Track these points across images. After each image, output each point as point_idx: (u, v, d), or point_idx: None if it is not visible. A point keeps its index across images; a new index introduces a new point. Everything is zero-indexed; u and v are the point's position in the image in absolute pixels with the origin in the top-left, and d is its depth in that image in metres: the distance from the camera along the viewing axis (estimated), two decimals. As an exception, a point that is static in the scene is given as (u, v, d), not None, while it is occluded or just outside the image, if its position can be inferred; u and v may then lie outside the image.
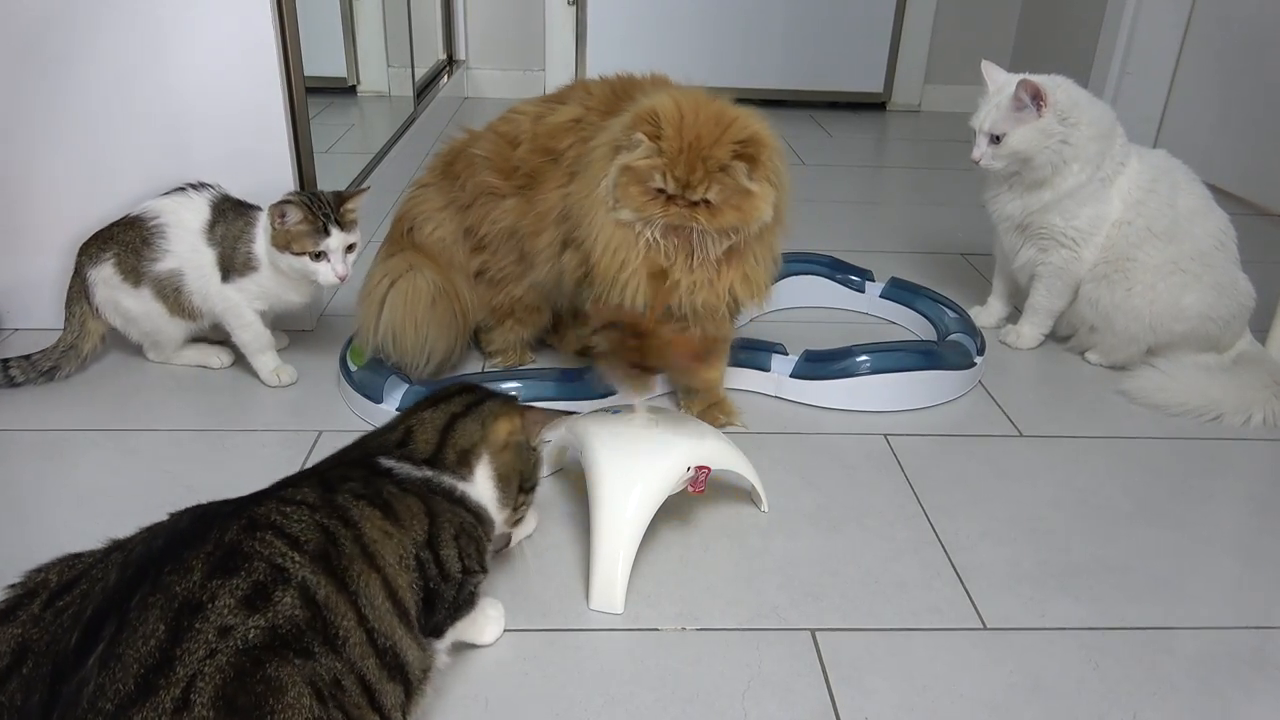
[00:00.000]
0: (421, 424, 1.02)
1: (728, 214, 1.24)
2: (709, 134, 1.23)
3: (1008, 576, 1.19)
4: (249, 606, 0.74)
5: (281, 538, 0.80)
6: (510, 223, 1.46)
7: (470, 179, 1.49)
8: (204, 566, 0.76)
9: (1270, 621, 1.14)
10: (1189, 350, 1.67)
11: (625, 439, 1.18)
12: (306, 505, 0.85)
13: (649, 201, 1.25)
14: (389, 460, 0.98)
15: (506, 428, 1.04)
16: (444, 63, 3.41)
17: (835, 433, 1.49)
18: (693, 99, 1.27)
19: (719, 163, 1.22)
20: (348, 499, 0.89)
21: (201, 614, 0.73)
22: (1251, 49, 2.62)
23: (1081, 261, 1.68)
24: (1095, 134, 1.61)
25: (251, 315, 1.51)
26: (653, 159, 1.23)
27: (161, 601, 0.73)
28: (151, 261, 1.50)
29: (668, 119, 1.23)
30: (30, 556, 1.16)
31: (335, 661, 0.77)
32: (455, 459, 1.01)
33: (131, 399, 1.52)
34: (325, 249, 1.42)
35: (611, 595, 1.11)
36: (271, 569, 0.77)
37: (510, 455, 1.04)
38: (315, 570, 0.80)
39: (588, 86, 1.47)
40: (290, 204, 1.40)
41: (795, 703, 1.00)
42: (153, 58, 1.55)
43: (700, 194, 1.23)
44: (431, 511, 0.94)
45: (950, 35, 3.56)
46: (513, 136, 1.47)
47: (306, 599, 0.77)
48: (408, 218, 1.55)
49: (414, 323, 1.47)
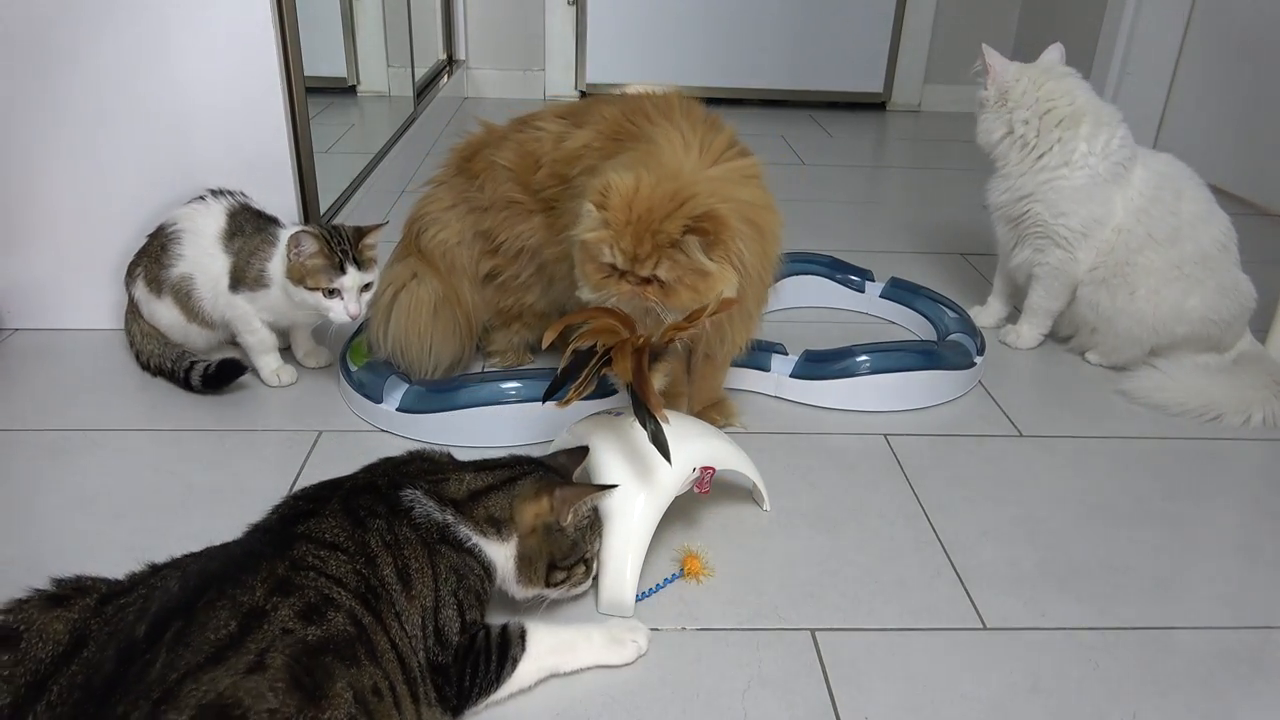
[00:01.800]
0: (460, 480, 1.02)
1: (682, 294, 1.15)
2: (662, 208, 1.13)
3: (1008, 576, 1.19)
4: (306, 618, 0.80)
5: (325, 577, 0.86)
6: (535, 241, 1.45)
7: (491, 183, 1.47)
8: (264, 587, 0.82)
9: (1270, 621, 1.14)
10: (1190, 351, 1.67)
11: (630, 442, 1.18)
12: (340, 550, 0.89)
13: (604, 279, 1.18)
14: (413, 493, 0.97)
15: (533, 510, 1.02)
16: (444, 63, 3.41)
17: (835, 433, 1.49)
18: (659, 170, 1.18)
19: (669, 237, 1.13)
20: (378, 545, 0.91)
21: (266, 618, 0.79)
22: (1251, 49, 2.62)
23: (1077, 263, 1.68)
24: (1052, 124, 1.65)
25: (257, 323, 1.51)
26: (600, 231, 1.16)
27: (229, 605, 0.79)
28: (168, 268, 1.51)
29: (619, 190, 1.14)
30: (30, 556, 1.16)
31: (376, 670, 0.82)
32: (484, 518, 1.00)
33: (131, 399, 1.52)
34: (339, 287, 1.40)
35: (621, 598, 1.10)
36: (322, 597, 0.83)
37: (537, 539, 1.02)
38: (358, 603, 0.85)
39: (603, 109, 1.41)
40: (307, 234, 1.39)
41: (795, 703, 1.00)
42: (153, 58, 1.55)
43: (649, 269, 1.14)
44: (435, 571, 0.94)
45: (950, 35, 3.56)
46: (536, 155, 1.43)
47: (354, 621, 0.84)
48: (418, 220, 1.55)
49: (418, 333, 1.47)
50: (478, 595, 0.98)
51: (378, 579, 0.89)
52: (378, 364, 1.49)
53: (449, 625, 0.93)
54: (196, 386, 1.51)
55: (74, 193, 1.62)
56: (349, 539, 0.90)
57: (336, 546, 0.89)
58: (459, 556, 0.96)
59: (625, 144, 1.32)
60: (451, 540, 0.97)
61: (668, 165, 1.20)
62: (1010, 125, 1.69)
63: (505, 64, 3.57)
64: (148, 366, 1.56)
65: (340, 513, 0.93)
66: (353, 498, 0.95)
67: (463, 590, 0.95)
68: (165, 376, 1.55)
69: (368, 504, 0.95)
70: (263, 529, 0.94)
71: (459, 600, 0.94)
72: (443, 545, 0.96)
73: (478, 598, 0.98)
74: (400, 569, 0.91)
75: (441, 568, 0.94)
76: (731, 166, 1.26)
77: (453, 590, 0.94)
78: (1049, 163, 1.66)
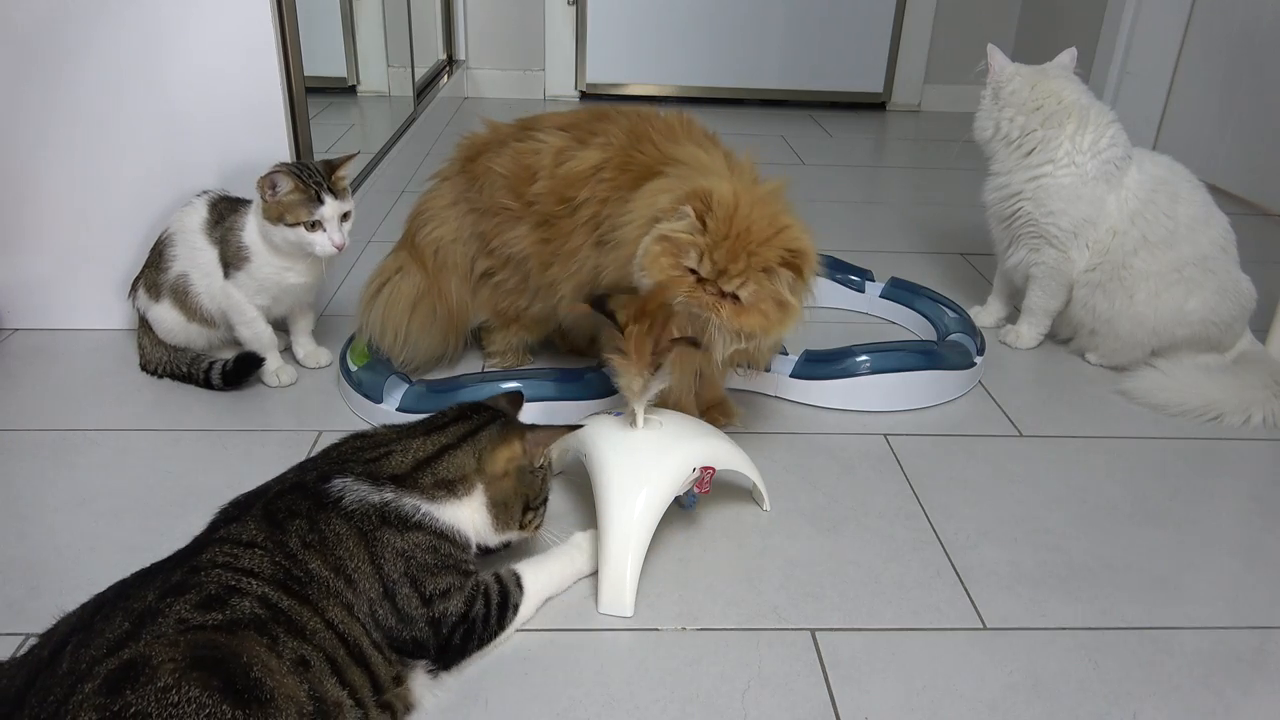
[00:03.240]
0: (405, 448, 1.01)
1: (753, 317, 1.16)
2: (760, 231, 1.15)
3: (1008, 576, 1.19)
4: (205, 608, 0.80)
5: (232, 571, 0.85)
6: (520, 250, 1.46)
7: (488, 188, 1.47)
8: (156, 593, 0.82)
9: (1270, 621, 1.14)
10: (1190, 352, 1.67)
11: (630, 442, 1.18)
12: (255, 546, 0.88)
13: (677, 277, 1.16)
14: (343, 481, 0.96)
15: (506, 455, 1.04)
16: (444, 63, 3.41)
17: (835, 433, 1.49)
18: (750, 192, 1.19)
19: (764, 262, 1.14)
20: (297, 544, 0.90)
21: (161, 614, 0.79)
22: (1251, 49, 2.62)
23: (1071, 262, 1.69)
24: (1037, 123, 1.66)
25: (254, 312, 1.51)
26: (694, 236, 1.15)
27: (122, 613, 0.79)
28: (165, 271, 1.52)
29: (721, 201, 1.15)
30: (30, 556, 1.16)
31: (303, 646, 0.81)
32: (432, 483, 0.99)
33: (131, 399, 1.52)
34: (320, 218, 1.40)
35: (621, 598, 1.10)
36: (224, 589, 0.83)
37: (511, 481, 1.04)
38: (274, 589, 0.84)
39: (608, 128, 1.40)
40: (279, 173, 1.38)
41: (795, 703, 1.00)
42: (153, 58, 1.55)
43: (734, 286, 1.14)
44: (375, 559, 0.93)
45: (950, 35, 3.56)
46: (533, 167, 1.42)
47: (266, 605, 0.82)
48: (418, 215, 1.56)
49: (393, 326, 1.50)
50: (436, 565, 0.97)
51: (303, 570, 0.88)
52: (377, 364, 1.49)
53: (407, 604, 0.94)
54: (217, 385, 1.52)
55: (74, 193, 1.62)
56: (267, 539, 0.90)
57: (253, 544, 0.89)
58: (403, 537, 0.95)
59: (639, 174, 1.32)
60: (394, 520, 0.95)
61: (748, 184, 1.21)
62: (998, 122, 1.70)
63: (505, 64, 3.57)
64: (158, 373, 1.57)
65: (259, 517, 0.92)
66: (275, 500, 0.95)
67: (414, 568, 0.95)
68: (181, 379, 1.55)
69: (289, 504, 0.94)
70: (184, 548, 0.93)
71: (412, 578, 0.94)
72: (383, 529, 0.94)
73: (438, 567, 0.97)
74: (334, 566, 0.90)
75: (384, 555, 0.93)
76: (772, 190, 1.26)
77: (402, 573, 0.94)
78: (1034, 160, 1.67)
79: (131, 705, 0.70)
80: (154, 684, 0.71)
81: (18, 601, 1.09)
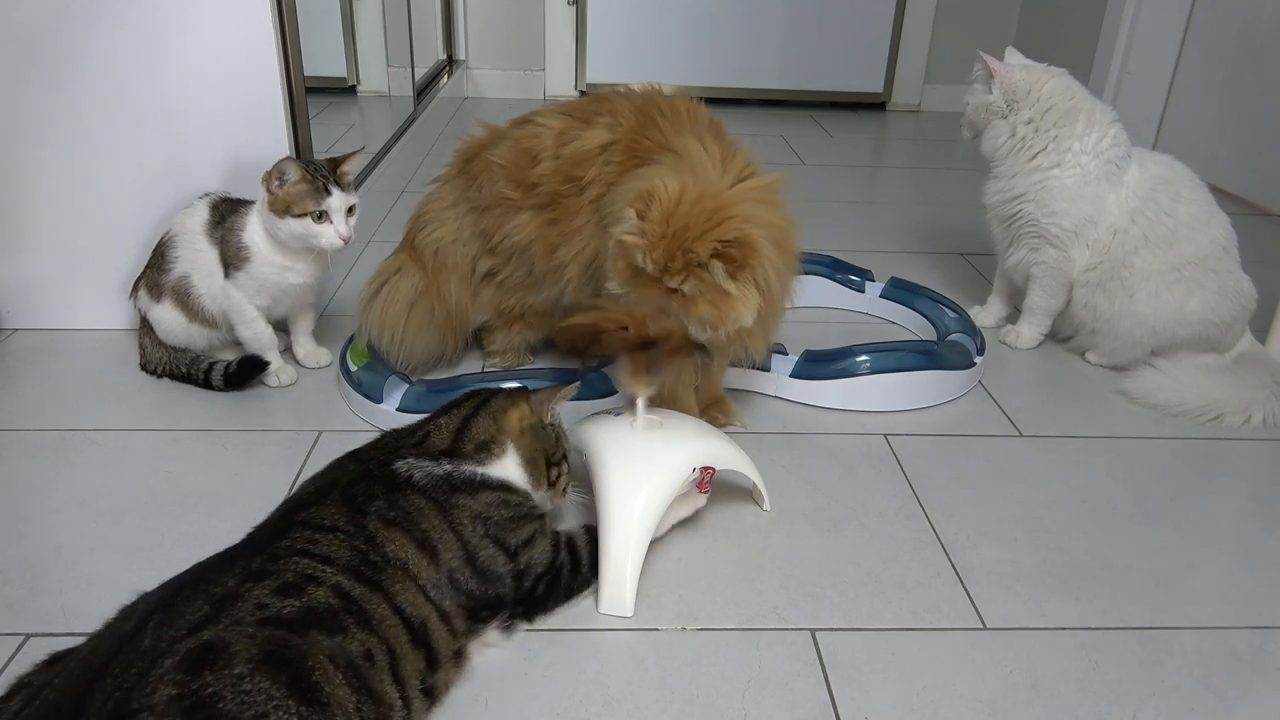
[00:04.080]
0: (438, 428, 1.09)
1: (702, 307, 1.19)
2: (696, 226, 1.16)
3: (1008, 576, 1.19)
4: (282, 594, 0.85)
5: (309, 558, 0.89)
6: (524, 238, 1.46)
7: (488, 183, 1.48)
8: (237, 578, 0.86)
9: (1270, 621, 1.14)
10: (1190, 351, 1.67)
11: (630, 442, 1.18)
12: (337, 531, 0.93)
13: (632, 278, 1.22)
14: (406, 462, 1.02)
15: (517, 414, 1.11)
16: (444, 63, 3.41)
17: (835, 433, 1.49)
18: (703, 185, 1.21)
19: (696, 258, 1.16)
20: (377, 525, 0.95)
21: (240, 599, 0.83)
22: (1251, 49, 2.62)
23: (1072, 261, 1.69)
24: (1051, 123, 1.65)
25: (253, 312, 1.51)
26: (635, 238, 1.19)
27: (203, 595, 0.84)
28: (167, 272, 1.52)
29: (660, 200, 1.18)
30: (30, 556, 1.16)
31: (369, 638, 0.87)
32: (474, 449, 1.07)
33: (131, 399, 1.52)
34: (327, 209, 1.42)
35: (621, 599, 1.10)
36: (301, 576, 0.87)
37: (529, 438, 1.11)
38: (349, 577, 0.89)
39: (614, 108, 1.41)
40: (286, 163, 1.40)
41: (795, 703, 1.00)
42: (153, 58, 1.55)
43: (676, 283, 1.18)
44: (455, 526, 1.00)
45: (950, 35, 3.56)
46: (533, 151, 1.43)
47: (339, 594, 0.87)
48: (419, 218, 1.56)
49: (390, 326, 1.50)
50: (513, 519, 1.04)
51: (380, 554, 0.93)
52: (377, 364, 1.49)
53: (493, 563, 1.01)
54: (218, 385, 1.52)
55: (74, 193, 1.62)
56: (348, 522, 0.95)
57: (335, 529, 0.93)
58: (475, 499, 1.02)
59: (645, 160, 1.33)
60: (462, 485, 1.03)
61: (706, 179, 1.23)
62: (1014, 128, 1.68)
63: (505, 64, 3.57)
64: (157, 373, 1.57)
65: (339, 501, 0.97)
66: (351, 487, 1.00)
67: (494, 527, 1.02)
68: (180, 380, 1.55)
69: (365, 489, 0.99)
70: (259, 527, 0.97)
71: (494, 538, 1.02)
72: (455, 495, 1.01)
73: (514, 520, 1.04)
74: (419, 541, 0.96)
75: (462, 521, 1.00)
76: (756, 185, 1.27)
77: (483, 534, 1.01)
78: (1042, 163, 1.67)
79: (209, 686, 0.75)
80: (230, 669, 0.76)
81: (18, 601, 1.09)
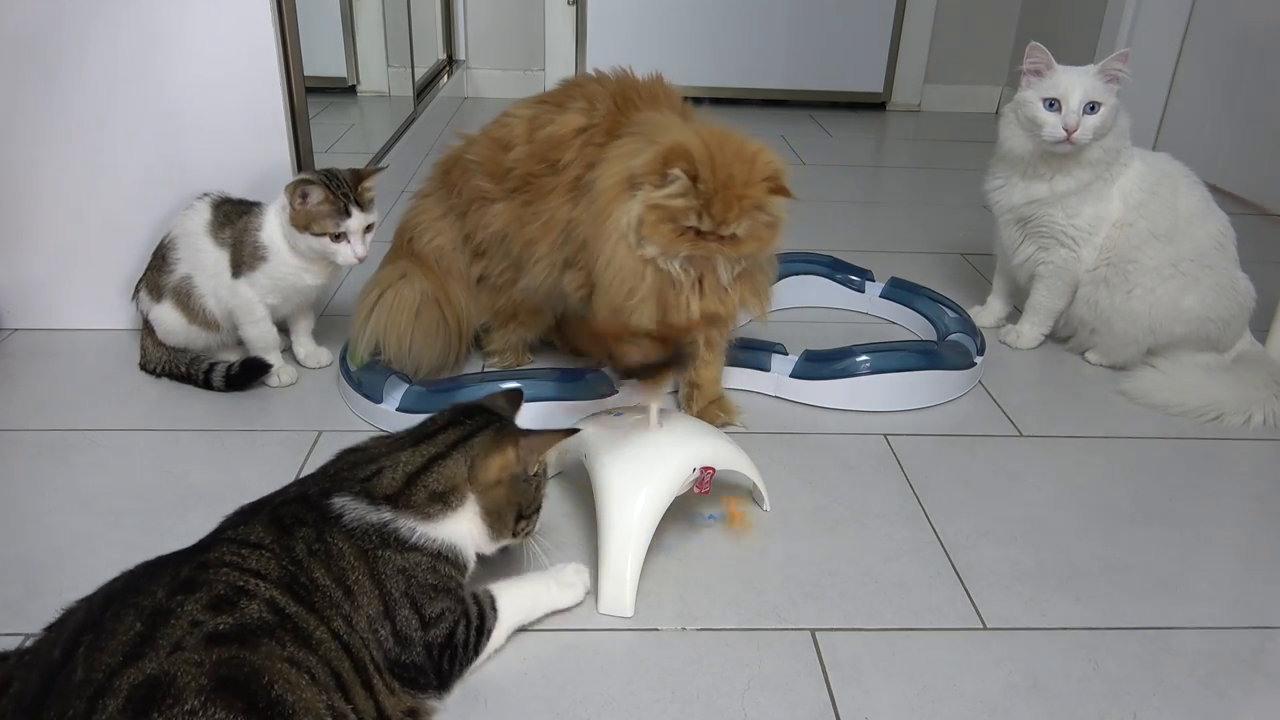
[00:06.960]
0: (395, 466, 0.99)
1: (750, 244, 1.30)
2: (741, 173, 1.26)
3: (1008, 576, 1.19)
4: (215, 609, 0.80)
5: (239, 570, 0.85)
6: (500, 226, 1.46)
7: (465, 184, 1.49)
8: (166, 589, 0.81)
9: (1270, 621, 1.14)
10: (1189, 350, 1.67)
11: (630, 442, 1.18)
12: (263, 548, 0.88)
13: (678, 238, 1.28)
14: (343, 499, 0.95)
15: (499, 463, 1.01)
16: (444, 63, 3.41)
17: (835, 433, 1.49)
18: (712, 134, 1.29)
19: (754, 201, 1.27)
20: (303, 551, 0.90)
21: (173, 615, 0.79)
22: (1251, 49, 2.62)
23: (1080, 261, 1.68)
24: (1124, 128, 1.64)
25: (262, 311, 1.51)
26: (688, 199, 1.25)
27: (133, 611, 0.79)
28: (168, 274, 1.52)
29: (701, 159, 1.25)
30: (30, 556, 1.16)
31: (309, 656, 0.82)
32: (425, 499, 0.98)
33: (131, 399, 1.52)
34: (345, 230, 1.43)
35: (621, 599, 1.10)
36: (233, 589, 0.83)
37: (504, 490, 1.02)
38: (282, 593, 0.84)
39: (588, 92, 1.43)
40: (312, 184, 1.41)
41: (795, 703, 1.00)
42: (153, 58, 1.55)
43: (732, 229, 1.27)
44: (377, 579, 0.92)
45: (950, 35, 3.56)
46: (505, 140, 1.45)
47: (274, 609, 0.82)
48: (408, 228, 1.56)
49: (397, 331, 1.48)
50: (435, 587, 0.96)
51: (308, 578, 0.88)
52: (377, 364, 1.49)
53: (406, 625, 0.93)
54: (218, 386, 1.52)
55: (74, 193, 1.62)
56: (274, 542, 0.90)
57: (260, 546, 0.89)
58: (403, 556, 0.94)
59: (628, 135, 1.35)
60: (392, 541, 0.94)
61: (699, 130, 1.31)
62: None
63: (505, 64, 3.57)
64: (157, 373, 1.57)
65: (267, 521, 0.92)
66: (282, 508, 0.94)
67: (415, 588, 0.94)
68: (180, 380, 1.55)
69: (295, 513, 0.93)
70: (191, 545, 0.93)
71: (412, 599, 0.94)
72: (383, 549, 0.93)
73: (436, 589, 0.96)
74: (337, 579, 0.90)
75: (385, 572, 0.93)
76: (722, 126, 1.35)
77: (403, 592, 0.93)
78: (1085, 173, 1.62)
79: None
80: (180, 706, 0.72)
81: (17, 601, 1.09)
